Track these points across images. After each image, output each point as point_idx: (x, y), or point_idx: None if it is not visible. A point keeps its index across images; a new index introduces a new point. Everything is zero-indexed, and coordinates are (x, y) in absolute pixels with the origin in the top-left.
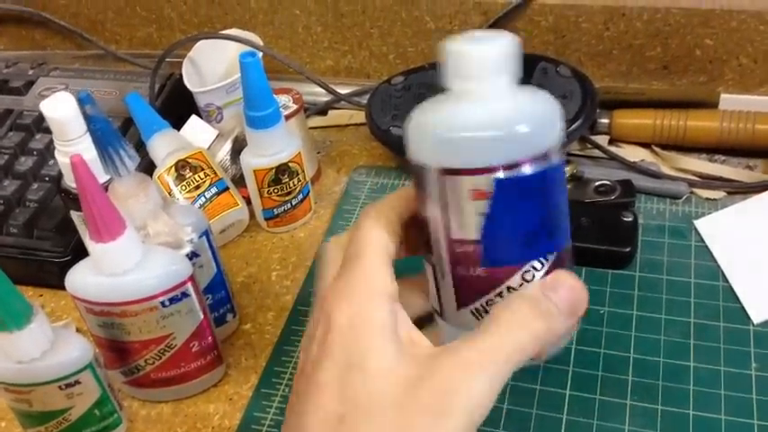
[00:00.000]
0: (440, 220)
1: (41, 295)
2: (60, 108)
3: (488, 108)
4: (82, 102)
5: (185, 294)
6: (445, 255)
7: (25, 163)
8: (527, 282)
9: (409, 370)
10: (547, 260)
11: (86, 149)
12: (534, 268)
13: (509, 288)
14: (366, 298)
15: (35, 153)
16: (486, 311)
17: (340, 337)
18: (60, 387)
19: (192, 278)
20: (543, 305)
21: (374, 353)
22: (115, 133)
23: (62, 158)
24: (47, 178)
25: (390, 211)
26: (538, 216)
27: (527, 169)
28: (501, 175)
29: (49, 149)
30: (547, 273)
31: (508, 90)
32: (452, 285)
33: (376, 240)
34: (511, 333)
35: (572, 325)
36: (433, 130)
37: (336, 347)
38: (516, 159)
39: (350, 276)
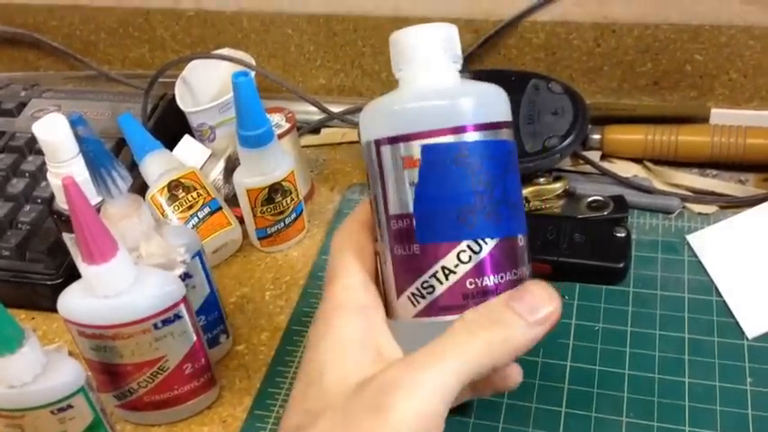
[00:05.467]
0: (381, 197)
1: (33, 318)
2: (52, 130)
3: (420, 85)
4: (74, 123)
5: (178, 316)
6: (386, 234)
7: (17, 185)
8: (462, 263)
9: (362, 376)
10: (486, 243)
11: (79, 171)
12: (471, 249)
13: (444, 268)
14: (329, 314)
15: (27, 175)
16: (423, 296)
17: (305, 357)
18: (53, 411)
19: (184, 299)
20: (502, 314)
21: (330, 366)
22: (107, 154)
23: (54, 180)
24: (39, 200)
25: (358, 230)
26: (469, 190)
27: (451, 138)
28: (427, 141)
29: (41, 171)
30: (491, 260)
31: (443, 73)
32: (392, 269)
33: (344, 264)
34: (462, 338)
35: (539, 334)
36: (373, 109)
37: (302, 367)
38: (442, 128)
39: (324, 299)
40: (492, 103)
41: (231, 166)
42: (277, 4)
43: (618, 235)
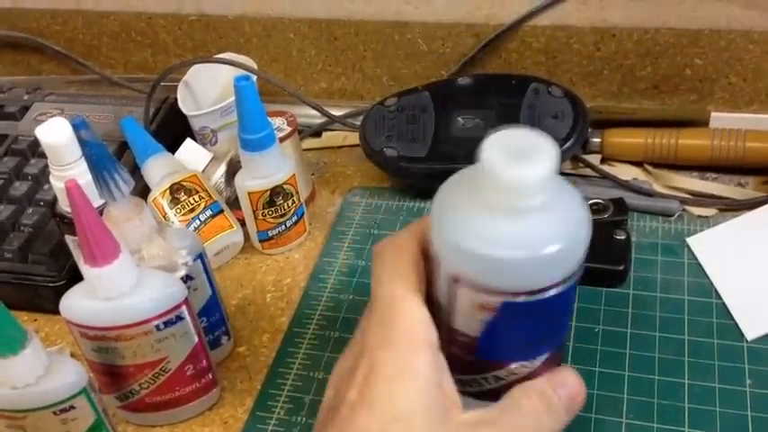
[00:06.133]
0: (444, 306)
1: (36, 320)
2: (55, 133)
3: (510, 230)
4: (77, 127)
5: (180, 318)
6: (444, 332)
7: (20, 188)
8: (515, 374)
9: (445, 426)
10: (536, 360)
11: (81, 174)
12: (524, 366)
13: (495, 376)
14: (410, 349)
15: (30, 178)
16: (471, 386)
17: (385, 387)
18: (55, 412)
19: (186, 301)
20: (551, 400)
21: (420, 410)
22: (110, 157)
23: (57, 183)
24: (41, 203)
25: (414, 247)
26: (538, 332)
27: (534, 297)
28: (509, 299)
29: (43, 174)
30: (541, 368)
31: (538, 211)
32: (445, 355)
33: (407, 286)
34: (529, 421)
35: (568, 421)
36: (454, 232)
37: (380, 396)
38: (528, 290)
39: (392, 324)
40: (577, 243)
41: (233, 169)
42: (279, 8)
43: (618, 237)
